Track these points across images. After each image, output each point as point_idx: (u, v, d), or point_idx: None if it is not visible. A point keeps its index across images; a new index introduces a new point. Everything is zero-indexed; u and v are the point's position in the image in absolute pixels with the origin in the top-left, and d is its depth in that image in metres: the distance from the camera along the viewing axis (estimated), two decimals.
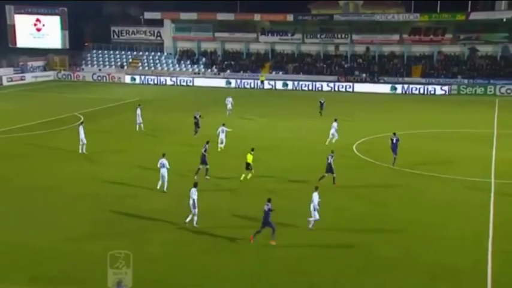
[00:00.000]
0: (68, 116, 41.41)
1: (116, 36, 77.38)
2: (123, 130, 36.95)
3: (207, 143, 25.85)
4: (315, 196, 19.11)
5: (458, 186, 24.62)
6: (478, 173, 26.11)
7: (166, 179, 22.61)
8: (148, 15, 74.35)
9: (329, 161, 24.35)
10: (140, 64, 75.02)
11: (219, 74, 71.65)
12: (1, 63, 68.12)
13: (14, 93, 57.74)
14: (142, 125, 36.43)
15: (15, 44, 74.02)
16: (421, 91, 61.21)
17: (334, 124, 32.83)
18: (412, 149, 31.66)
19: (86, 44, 78.87)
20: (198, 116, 34.92)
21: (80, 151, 29.90)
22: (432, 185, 24.66)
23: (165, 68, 74.09)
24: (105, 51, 76.89)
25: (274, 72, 70.25)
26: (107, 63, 75.58)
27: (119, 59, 76.15)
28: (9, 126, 37.48)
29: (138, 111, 36.70)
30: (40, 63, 73.06)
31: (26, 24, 74.06)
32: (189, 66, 74.09)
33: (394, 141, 26.84)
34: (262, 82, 65.33)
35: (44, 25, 74.73)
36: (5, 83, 64.21)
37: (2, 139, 34.15)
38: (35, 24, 74.65)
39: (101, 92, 58.78)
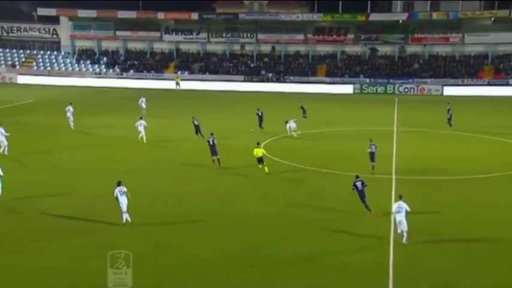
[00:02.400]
0: None
1: (4, 33, 73.03)
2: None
3: (212, 134, 27.85)
4: (402, 205, 18.04)
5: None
6: (380, 169, 27.59)
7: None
8: (42, 11, 70.89)
9: (372, 150, 26.46)
10: (35, 64, 71.41)
11: (121, 74, 70.01)
12: None
13: None
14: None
15: None
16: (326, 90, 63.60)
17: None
18: (315, 148, 32.50)
19: None
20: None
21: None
22: (334, 182, 25.44)
23: (63, 68, 71.12)
24: None
25: (179, 72, 69.87)
26: None
27: (9, 58, 72.03)
28: None
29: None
30: None
31: None
32: (90, 66, 71.67)
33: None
34: (177, 83, 64.50)
35: None
36: None
37: None
38: None
39: None
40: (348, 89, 64.24)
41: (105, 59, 72.40)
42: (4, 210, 21.37)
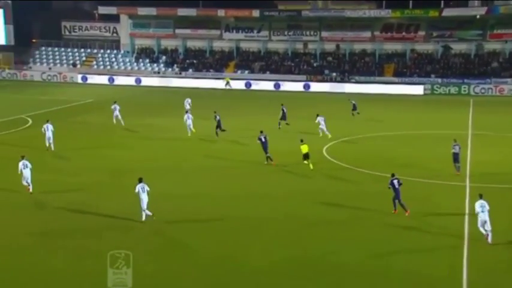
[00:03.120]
0: (15, 119, 39.76)
1: (67, 32, 75.56)
2: (74, 134, 35.70)
3: (261, 132, 28.62)
4: (485, 203, 17.88)
5: (434, 189, 24.46)
6: (454, 176, 26.03)
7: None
8: (103, 9, 72.87)
9: (456, 151, 26.00)
10: (95, 63, 73.38)
11: (180, 73, 70.70)
12: None
13: None
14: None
15: None
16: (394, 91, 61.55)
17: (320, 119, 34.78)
18: (387, 153, 31.30)
19: (33, 40, 76.85)
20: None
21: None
22: (417, 190, 23.86)
23: (122, 67, 72.68)
24: (56, 49, 74.93)
25: (239, 72, 69.75)
26: (57, 61, 73.63)
27: (71, 57, 74.27)
28: None
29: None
30: None
31: None
32: (148, 65, 72.88)
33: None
34: (227, 83, 64.75)
35: None
36: None
37: None
38: None
39: (51, 93, 57.11)
40: (417, 89, 61.91)
41: (164, 57, 73.38)
42: (60, 209, 21.49)
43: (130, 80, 68.22)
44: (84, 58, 74.17)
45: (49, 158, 29.35)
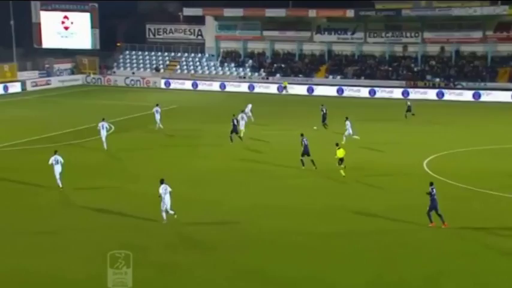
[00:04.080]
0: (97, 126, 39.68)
1: (151, 35, 76.00)
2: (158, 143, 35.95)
3: (302, 135, 29.35)
4: None
5: None
6: None
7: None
8: (188, 11, 72.51)
9: None
10: (178, 67, 73.08)
11: (267, 78, 68.64)
12: (25, 65, 67.75)
13: (38, 99, 57.16)
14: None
15: (41, 44, 73.71)
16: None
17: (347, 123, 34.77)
18: (495, 168, 28.48)
19: (118, 44, 77.93)
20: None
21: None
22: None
23: (206, 72, 71.84)
24: (139, 52, 75.62)
25: (331, 77, 66.68)
26: (141, 65, 74.23)
27: (154, 61, 74.65)
28: (32, 136, 36.48)
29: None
30: (67, 65, 72.37)
31: (53, 22, 73.63)
32: (234, 69, 71.50)
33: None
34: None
35: (72, 23, 74.15)
36: (29, 87, 63.59)
37: (24, 150, 33.42)
38: (63, 22, 74.07)
39: (133, 99, 57.33)
40: None
41: (250, 61, 71.75)
42: (133, 221, 21.31)
43: (214, 85, 67.02)
44: (167, 62, 74.26)
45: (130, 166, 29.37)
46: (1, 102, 53.96)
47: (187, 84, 68.05)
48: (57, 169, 24.71)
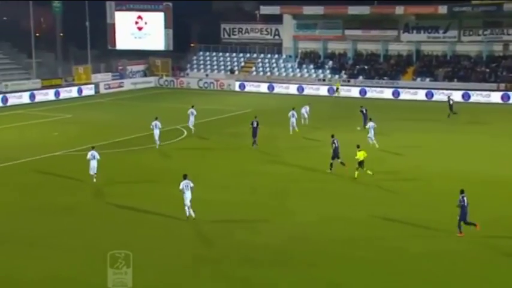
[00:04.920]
0: (170, 130, 39.28)
1: (226, 35, 74.62)
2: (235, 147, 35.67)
3: (333, 136, 29.16)
4: None
5: None
6: None
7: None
8: (265, 9, 70.62)
9: None
10: (254, 68, 71.32)
11: (348, 80, 65.61)
12: (99, 67, 68.04)
13: (111, 102, 57.39)
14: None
15: (115, 45, 74.17)
16: None
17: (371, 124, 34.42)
18: None
19: (192, 45, 77.37)
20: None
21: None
22: None
23: (283, 74, 69.68)
24: (214, 53, 74.53)
25: (419, 79, 62.86)
26: (215, 67, 73.11)
27: (229, 63, 73.35)
28: (104, 140, 36.28)
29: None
30: (140, 67, 72.28)
31: (127, 23, 73.92)
32: (313, 71, 68.91)
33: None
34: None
35: (146, 23, 74.07)
36: (102, 90, 63.74)
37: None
38: (136, 23, 74.16)
39: (207, 102, 56.47)
40: None
41: (330, 62, 68.96)
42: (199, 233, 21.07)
43: (291, 88, 64.71)
44: (242, 64, 72.76)
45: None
46: (75, 105, 54.36)
47: (263, 87, 66.07)
48: (93, 164, 26.12)
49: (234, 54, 73.61)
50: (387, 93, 60.44)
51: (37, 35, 65.24)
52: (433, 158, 32.69)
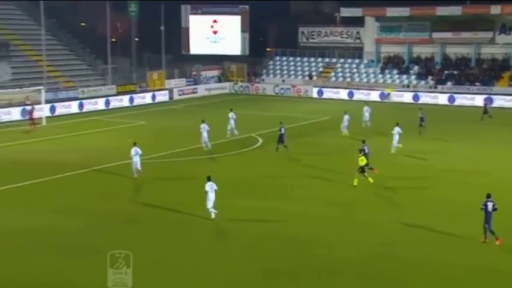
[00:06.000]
0: (244, 138, 39.17)
1: (304, 39, 73.68)
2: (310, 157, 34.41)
3: (363, 142, 29.75)
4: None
5: None
6: None
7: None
8: (345, 11, 69.09)
9: None
10: (333, 74, 69.88)
11: (435, 87, 62.96)
12: (173, 73, 68.38)
13: (184, 108, 57.60)
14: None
15: (189, 50, 74.69)
16: None
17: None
18: None
19: (268, 49, 77.04)
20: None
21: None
22: None
23: (364, 79, 67.79)
24: (291, 58, 73.79)
25: None
26: (292, 72, 72.30)
27: (306, 68, 72.31)
28: (177, 148, 36.47)
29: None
30: (214, 72, 72.36)
31: (202, 27, 74.41)
32: (396, 76, 66.63)
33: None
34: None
35: (221, 27, 74.35)
36: (175, 96, 64.05)
37: (175, 162, 33.37)
38: (212, 26, 74.55)
39: (282, 109, 56.01)
40: None
41: (416, 68, 66.45)
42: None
43: (373, 95, 62.78)
44: (321, 69, 71.45)
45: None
46: (149, 111, 54.73)
47: (342, 94, 64.51)
48: (136, 160, 27.82)
49: (312, 59, 72.56)
50: (479, 101, 57.28)
51: (113, 40, 66.45)
52: None
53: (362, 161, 27.31)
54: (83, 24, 77.71)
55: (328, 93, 65.23)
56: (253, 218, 23.31)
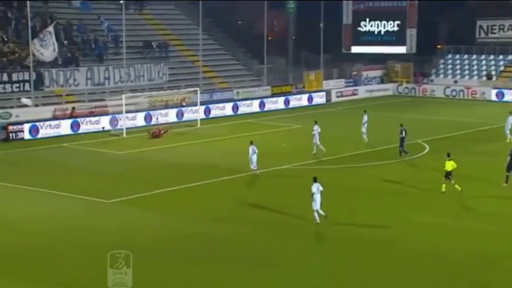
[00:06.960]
0: (409, 145, 36.90)
1: (482, 34, 68.37)
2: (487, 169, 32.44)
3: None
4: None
5: None
6: None
7: None
8: None
9: None
10: None
11: None
12: (331, 73, 66.69)
13: (344, 111, 56.03)
14: None
15: (350, 48, 72.76)
16: None
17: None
18: None
19: (438, 46, 72.96)
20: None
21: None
22: None
23: None
24: (465, 56, 69.11)
25: None
26: (466, 72, 67.71)
27: (484, 67, 67.27)
28: (336, 154, 36.39)
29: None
30: (377, 73, 69.71)
31: (365, 23, 72.40)
32: None
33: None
34: None
35: (385, 23, 71.72)
36: (333, 98, 62.28)
37: (333, 170, 33.27)
38: (375, 22, 71.99)
39: (454, 113, 53.32)
40: None
41: None
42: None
43: None
44: (502, 68, 65.94)
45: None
46: (305, 114, 53.13)
47: None
48: (254, 158, 30.12)
49: (492, 57, 67.44)
50: None
51: (269, 38, 66.06)
52: None
53: (449, 165, 26.77)
54: (239, 22, 78.53)
55: (510, 96, 60.14)
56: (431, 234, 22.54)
